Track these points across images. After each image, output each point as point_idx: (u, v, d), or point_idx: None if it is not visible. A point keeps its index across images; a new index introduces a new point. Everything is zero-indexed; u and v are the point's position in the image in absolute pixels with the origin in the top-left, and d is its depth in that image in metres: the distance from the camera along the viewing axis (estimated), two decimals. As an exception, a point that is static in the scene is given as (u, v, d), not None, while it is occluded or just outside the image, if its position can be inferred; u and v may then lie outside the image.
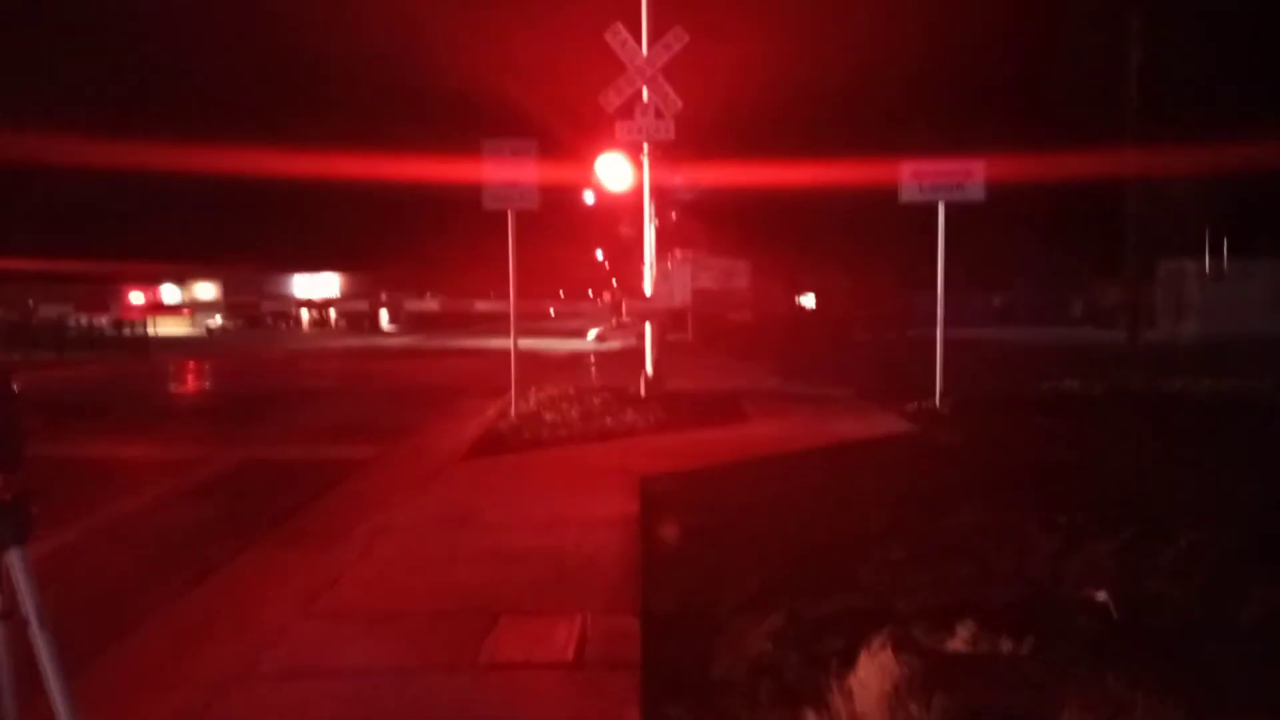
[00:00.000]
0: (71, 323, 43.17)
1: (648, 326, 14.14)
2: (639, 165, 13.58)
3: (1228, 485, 7.38)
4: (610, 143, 13.60)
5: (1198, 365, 17.37)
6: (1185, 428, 10.78)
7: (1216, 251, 37.24)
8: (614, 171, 13.81)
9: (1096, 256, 37.57)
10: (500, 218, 12.48)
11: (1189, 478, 7.68)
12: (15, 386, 2.21)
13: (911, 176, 12.50)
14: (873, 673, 3.69)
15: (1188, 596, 4.62)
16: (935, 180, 12.47)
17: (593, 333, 43.03)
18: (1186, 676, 3.64)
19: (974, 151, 12.67)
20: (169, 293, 76.56)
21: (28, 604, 2.17)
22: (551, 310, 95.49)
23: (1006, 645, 3.87)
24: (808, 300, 52.00)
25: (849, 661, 3.77)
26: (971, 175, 12.41)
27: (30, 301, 59.95)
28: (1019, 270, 46.24)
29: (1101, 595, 4.60)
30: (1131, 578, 4.86)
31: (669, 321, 22.32)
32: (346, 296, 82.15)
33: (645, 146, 13.36)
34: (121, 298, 62.09)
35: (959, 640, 3.95)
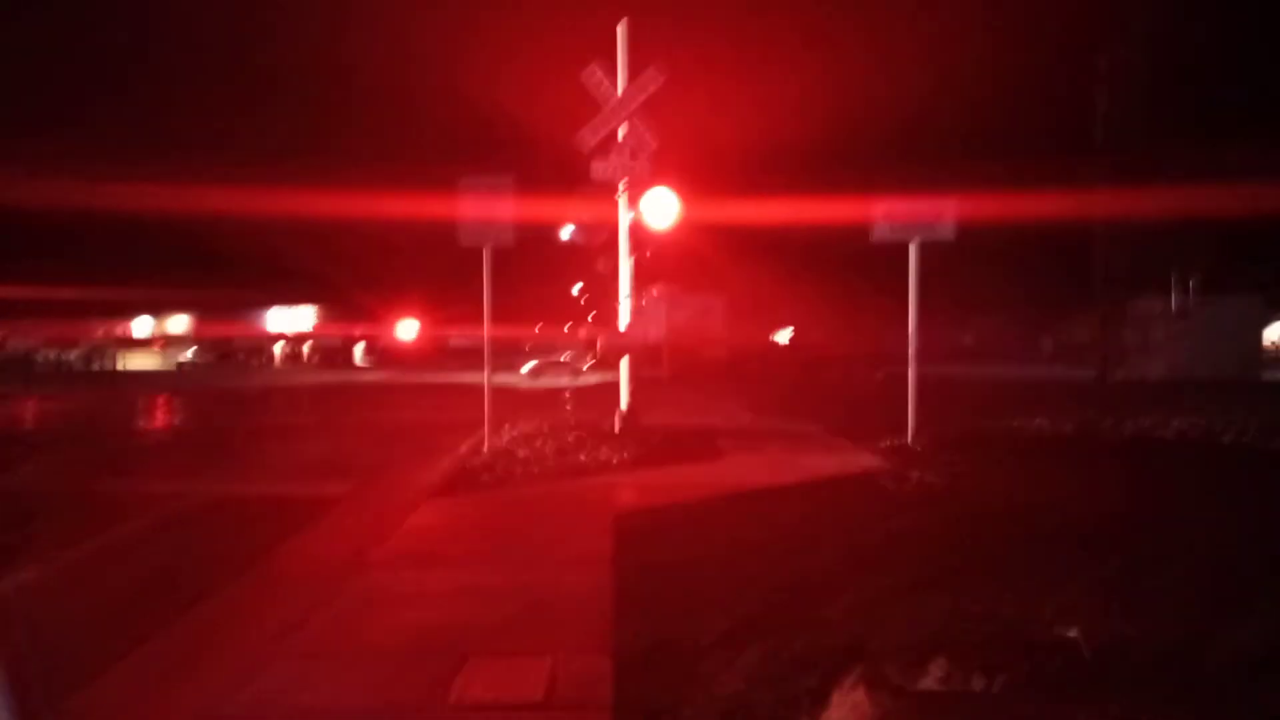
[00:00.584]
0: (40, 357, 42.68)
1: (623, 362, 14.14)
2: (614, 204, 13.65)
3: (1199, 526, 7.44)
4: (586, 179, 13.67)
5: (1166, 404, 17.56)
6: (1154, 468, 10.89)
7: (1184, 290, 37.79)
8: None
9: (1066, 294, 38.06)
10: (477, 253, 12.50)
11: (1159, 518, 7.74)
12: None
13: (884, 216, 12.64)
14: (845, 712, 3.68)
15: (1158, 636, 4.64)
16: (907, 220, 12.61)
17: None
18: (1156, 716, 3.64)
19: (945, 190, 12.83)
20: (140, 325, 75.82)
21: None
22: (528, 346, 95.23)
23: (979, 683, 3.87)
24: (783, 336, 52.27)
25: (822, 700, 3.76)
26: (943, 215, 12.56)
27: (-1, 335, 59.21)
28: (989, 308, 46.75)
29: (1072, 633, 4.62)
30: (1102, 617, 4.88)
31: (644, 357, 22.33)
32: (321, 330, 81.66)
33: (621, 185, 13.44)
34: (91, 331, 61.41)
35: (931, 678, 3.95)
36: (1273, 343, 47.67)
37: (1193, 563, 6.00)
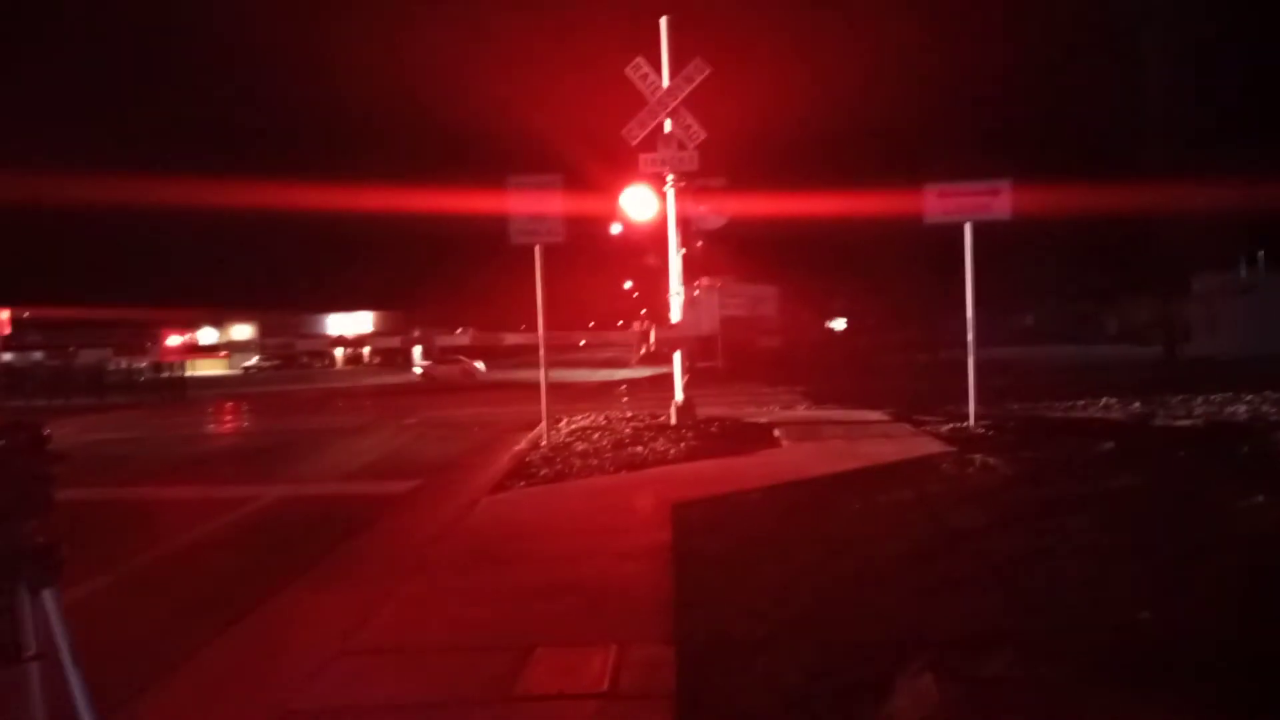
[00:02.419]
0: (111, 366, 43.86)
1: (676, 355, 14.14)
2: (663, 196, 13.65)
3: (1273, 511, 7.22)
4: (636, 174, 13.71)
5: (1235, 383, 17.05)
6: (1225, 450, 10.58)
7: (1251, 265, 36.74)
8: (638, 203, 13.91)
9: (1130, 272, 37.18)
10: (529, 251, 12.59)
11: (1232, 501, 7.52)
12: (48, 434, 2.26)
13: (937, 199, 12.48)
14: (910, 700, 3.64)
15: (1232, 622, 4.53)
16: (961, 201, 12.44)
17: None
18: (1231, 702, 3.56)
19: (1001, 173, 12.64)
20: (206, 335, 77.64)
21: (61, 644, 2.20)
22: (581, 341, 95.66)
23: (1045, 671, 3.81)
24: (838, 324, 51.80)
25: (885, 688, 3.73)
26: (997, 195, 12.36)
27: (71, 348, 61.01)
28: (1051, 289, 45.84)
29: (1143, 615, 4.53)
30: (1168, 604, 4.77)
31: (698, 349, 22.30)
32: (379, 334, 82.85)
33: (670, 177, 13.43)
34: (159, 341, 62.99)
35: (996, 666, 3.89)
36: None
37: (1266, 552, 5.83)
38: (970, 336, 12.66)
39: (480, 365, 43.09)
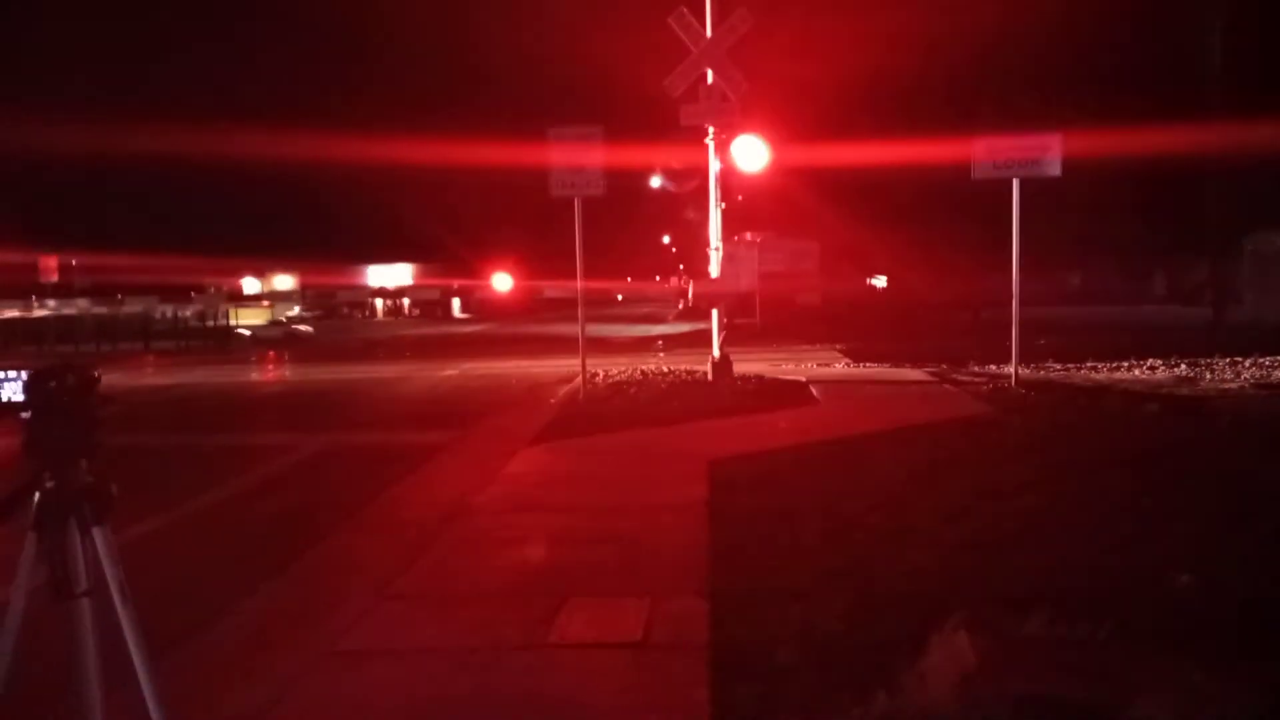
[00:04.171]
0: (157, 315, 44.61)
1: (715, 311, 14.09)
2: (704, 148, 13.50)
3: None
4: (675, 127, 13.55)
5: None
6: (1269, 414, 10.39)
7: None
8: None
9: (1179, 232, 36.30)
10: (568, 204, 12.55)
11: (1275, 465, 7.41)
12: (97, 375, 2.30)
13: (985, 153, 12.23)
14: (944, 655, 3.64)
15: (1272, 583, 4.47)
16: (1010, 156, 12.17)
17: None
18: (1272, 662, 3.52)
19: (1049, 127, 12.34)
20: (249, 285, 78.62)
21: (111, 581, 2.26)
22: (619, 295, 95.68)
23: (1083, 630, 3.79)
24: (879, 281, 51.25)
25: (920, 645, 3.73)
26: (1047, 150, 12.09)
27: (119, 295, 62.09)
28: (1098, 247, 44.93)
29: (1183, 579, 4.48)
30: (1215, 564, 4.71)
31: (736, 305, 22.20)
32: (419, 285, 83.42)
33: (711, 130, 13.27)
34: (204, 289, 63.91)
35: (1034, 624, 3.88)
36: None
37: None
38: (1015, 295, 12.47)
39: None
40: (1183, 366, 14.35)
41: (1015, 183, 12.17)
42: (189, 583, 5.58)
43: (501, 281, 79.23)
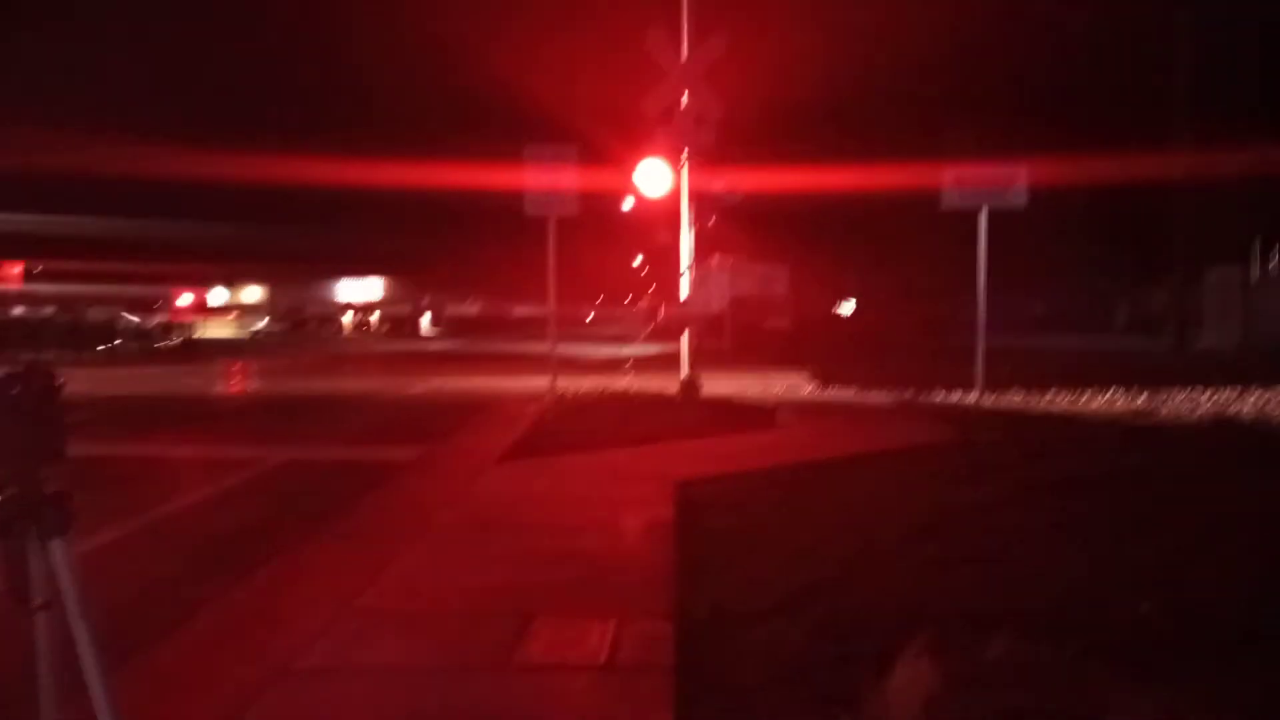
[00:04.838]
0: (121, 324, 43.98)
1: (685, 333, 14.12)
2: (678, 171, 13.58)
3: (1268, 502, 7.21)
4: (651, 148, 13.63)
5: (1244, 377, 16.95)
6: (1226, 441, 10.57)
7: (1265, 258, 36.40)
8: (652, 178, 13.85)
9: (1141, 262, 36.91)
10: (541, 223, 12.57)
11: (1227, 495, 7.51)
12: (60, 381, 2.26)
13: (954, 182, 12.41)
14: (908, 678, 3.65)
15: (1235, 608, 4.53)
16: (977, 186, 12.36)
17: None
18: (1237, 689, 3.56)
19: (1016, 154, 12.54)
20: (216, 295, 77.69)
21: (68, 595, 2.22)
22: (590, 315, 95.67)
23: (1046, 653, 3.81)
24: (847, 307, 51.64)
25: (885, 665, 3.74)
26: (1014, 181, 12.29)
27: (82, 303, 61.16)
28: (1060, 276, 45.52)
29: (1145, 607, 4.53)
30: (1172, 589, 4.77)
31: (706, 328, 22.25)
32: (389, 300, 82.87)
33: (685, 152, 13.35)
34: (170, 300, 63.11)
35: (997, 646, 3.90)
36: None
37: (1259, 538, 5.83)
38: (980, 324, 12.62)
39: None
40: (1144, 396, 14.56)
41: (982, 215, 12.35)
42: (148, 593, 5.49)
43: (472, 299, 79.03)
